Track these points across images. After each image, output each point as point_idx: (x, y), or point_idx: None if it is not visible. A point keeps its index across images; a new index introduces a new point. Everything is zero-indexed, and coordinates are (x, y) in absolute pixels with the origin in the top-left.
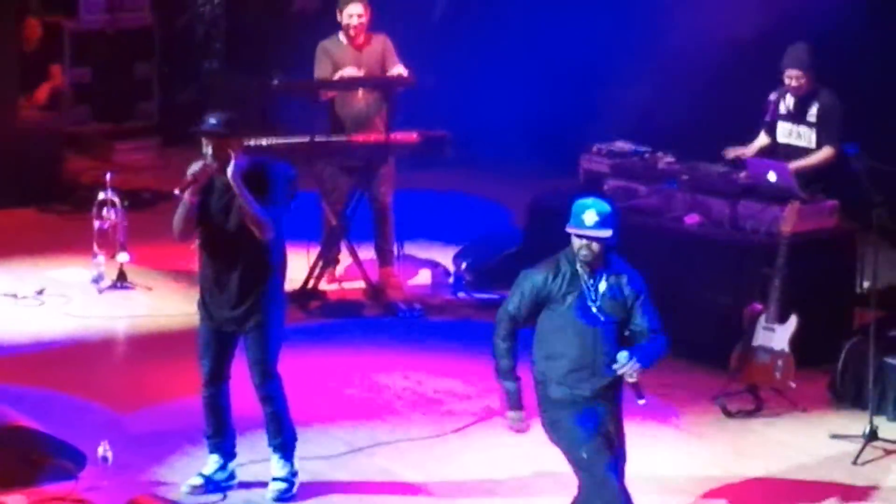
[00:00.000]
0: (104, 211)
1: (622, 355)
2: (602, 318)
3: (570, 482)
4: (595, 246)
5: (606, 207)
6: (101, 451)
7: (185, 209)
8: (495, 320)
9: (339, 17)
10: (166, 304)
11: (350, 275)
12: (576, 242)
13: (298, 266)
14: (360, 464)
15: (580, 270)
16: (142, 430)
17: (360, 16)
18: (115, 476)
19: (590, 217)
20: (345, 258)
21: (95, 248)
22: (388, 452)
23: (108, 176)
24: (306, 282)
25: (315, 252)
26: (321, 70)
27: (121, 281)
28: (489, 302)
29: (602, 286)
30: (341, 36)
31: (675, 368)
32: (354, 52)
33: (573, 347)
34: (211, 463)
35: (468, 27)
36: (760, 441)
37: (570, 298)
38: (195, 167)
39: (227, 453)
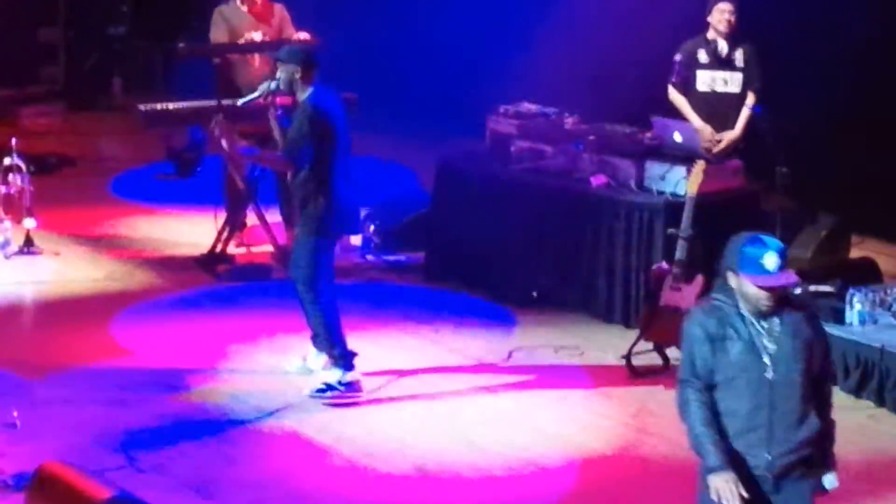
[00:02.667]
0: (10, 176)
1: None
2: (777, 367)
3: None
4: (779, 293)
5: (779, 243)
6: (9, 417)
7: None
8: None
9: None
10: (73, 270)
11: (257, 238)
12: (750, 291)
13: (206, 230)
14: (269, 427)
15: (745, 313)
16: (50, 396)
17: None
18: (24, 442)
19: (772, 261)
20: (252, 222)
21: (1, 213)
22: (297, 415)
23: (13, 141)
24: (214, 246)
25: (222, 216)
26: (217, 35)
27: (27, 246)
28: (396, 264)
29: (776, 327)
30: (238, 2)
31: (582, 327)
32: (253, 18)
33: (744, 402)
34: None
35: None
36: (667, 399)
37: (736, 346)
38: (261, 89)
39: None
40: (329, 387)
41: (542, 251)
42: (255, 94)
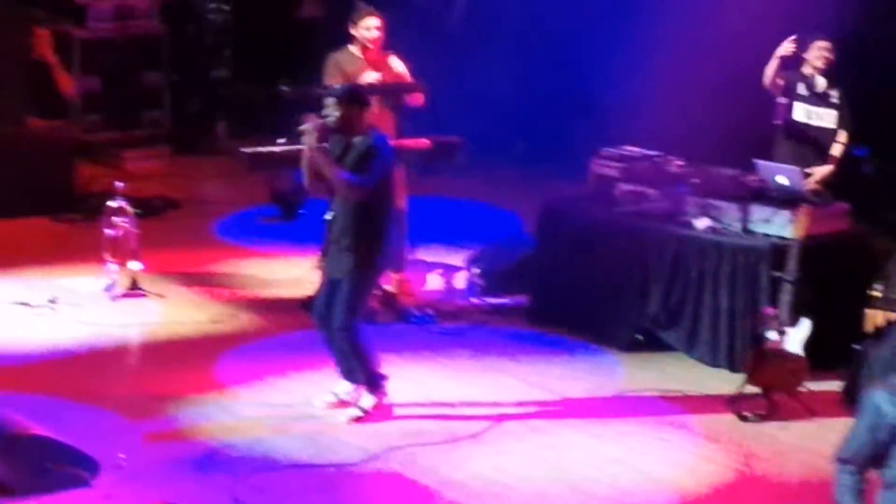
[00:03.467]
0: (115, 219)
1: None
2: None
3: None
4: None
5: None
6: (116, 458)
7: (305, 161)
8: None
9: (353, 30)
10: (178, 312)
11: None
12: None
13: (310, 273)
14: (373, 470)
15: None
16: (155, 437)
17: (377, 28)
18: (129, 484)
19: None
20: None
21: (107, 256)
22: (401, 457)
23: (118, 184)
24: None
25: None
26: (332, 81)
27: (133, 289)
28: (501, 307)
29: None
30: (353, 49)
31: (688, 371)
32: (368, 65)
33: None
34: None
35: (480, 34)
36: (773, 444)
37: None
38: (310, 124)
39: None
40: (365, 412)
41: (646, 294)
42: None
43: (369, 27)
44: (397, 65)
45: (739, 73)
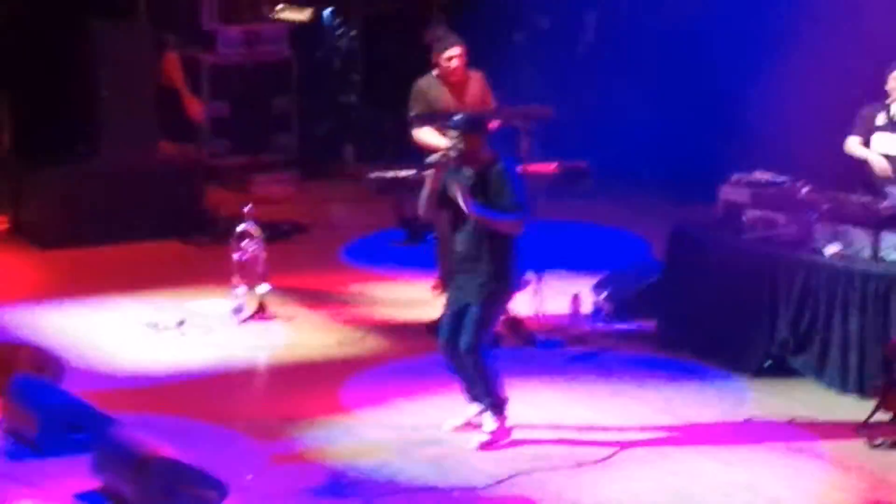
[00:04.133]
0: (244, 242)
1: None
2: None
3: None
4: None
5: None
6: (244, 480)
7: (427, 191)
8: None
9: (435, 59)
10: (305, 335)
11: None
12: None
13: (437, 297)
14: (500, 494)
15: None
16: (283, 460)
17: (459, 56)
18: None
19: None
20: None
21: (235, 279)
22: (527, 482)
23: (247, 208)
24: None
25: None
26: (417, 109)
27: (261, 312)
28: (628, 332)
29: None
30: (436, 72)
31: (818, 397)
32: (452, 91)
33: None
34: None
35: (606, 57)
36: None
37: None
38: (436, 156)
39: None
40: (490, 435)
41: (775, 320)
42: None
43: (450, 57)
44: (481, 83)
45: (869, 98)
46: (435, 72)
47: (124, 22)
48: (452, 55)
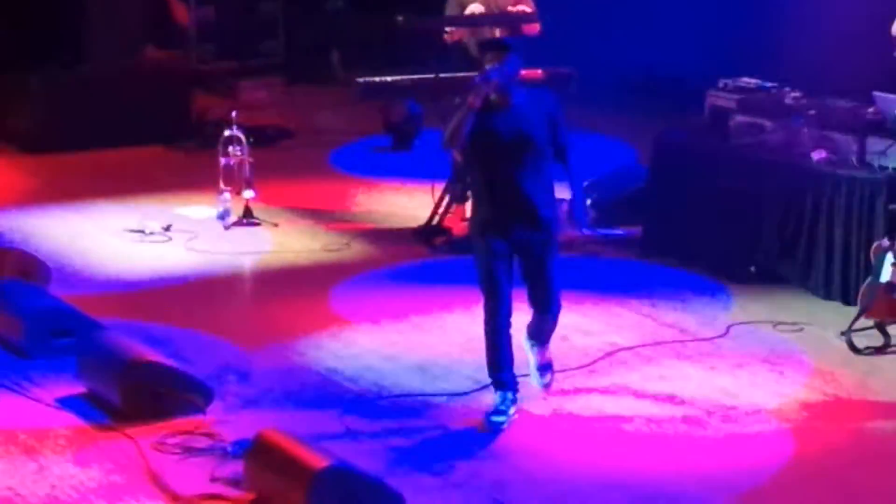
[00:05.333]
0: (230, 148)
1: None
2: None
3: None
4: None
5: None
6: (227, 384)
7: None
8: None
9: None
10: (291, 240)
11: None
12: None
13: (423, 203)
14: (486, 399)
15: None
16: (268, 365)
17: None
18: (242, 411)
19: None
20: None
21: (221, 184)
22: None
23: (233, 113)
24: (431, 217)
25: (439, 189)
26: (451, 11)
27: (246, 217)
28: (614, 238)
29: None
30: None
31: (802, 303)
32: None
33: None
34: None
35: None
36: (888, 377)
37: None
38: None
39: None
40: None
41: (760, 227)
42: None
43: None
44: None
45: (858, 3)
46: None
47: None
48: None
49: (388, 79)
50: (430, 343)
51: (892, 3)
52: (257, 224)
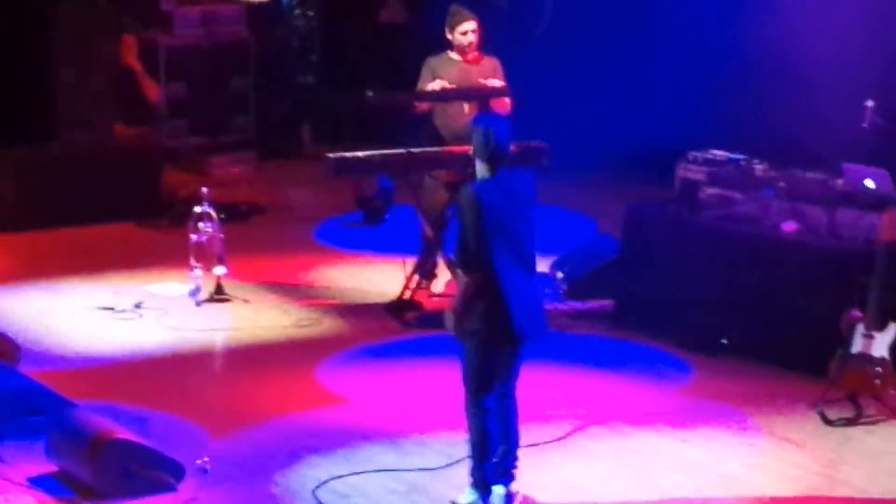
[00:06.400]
0: (201, 224)
1: None
2: None
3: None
4: None
5: None
6: (199, 463)
7: None
8: None
9: (449, 35)
10: (262, 317)
11: (450, 289)
12: None
13: (395, 278)
14: (459, 475)
15: None
16: (239, 443)
17: (473, 31)
18: (214, 488)
19: None
20: (444, 272)
21: (192, 261)
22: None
23: (204, 189)
24: (402, 292)
25: (411, 263)
26: (423, 85)
27: (218, 294)
28: (586, 312)
29: None
30: (451, 53)
31: (774, 376)
32: (463, 69)
33: None
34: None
35: (564, 39)
36: (861, 449)
37: None
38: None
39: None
40: None
41: (732, 298)
42: None
43: (465, 31)
44: (494, 67)
45: (825, 76)
46: (450, 52)
47: (83, 5)
48: (467, 29)
49: (360, 154)
50: (402, 419)
51: (860, 76)
52: (228, 300)
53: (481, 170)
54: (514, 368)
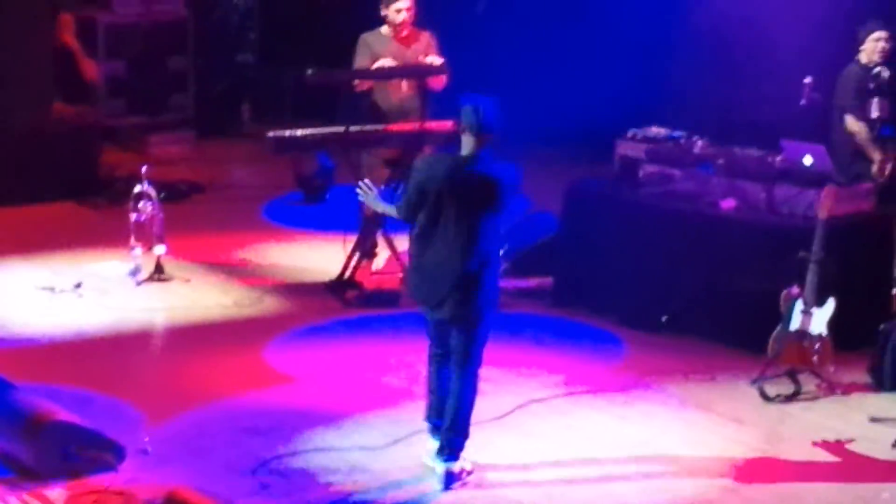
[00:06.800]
0: (140, 203)
1: None
2: None
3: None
4: None
5: None
6: (141, 444)
7: None
8: None
9: (383, 11)
10: (203, 296)
11: (389, 267)
12: None
13: (335, 257)
14: (399, 453)
15: None
16: (181, 423)
17: (407, 9)
18: (155, 468)
19: None
20: (383, 250)
21: (132, 240)
22: (423, 442)
23: (143, 168)
24: (343, 272)
25: (351, 242)
26: (360, 62)
27: (158, 273)
28: (525, 290)
29: None
30: (384, 29)
31: (713, 353)
32: (398, 45)
33: None
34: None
35: (503, 17)
36: (799, 425)
37: None
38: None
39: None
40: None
41: (671, 276)
42: None
43: (399, 9)
44: (429, 42)
45: (764, 52)
46: (384, 28)
47: None
48: (401, 7)
49: (299, 133)
50: (343, 399)
51: (799, 53)
52: (168, 280)
53: (467, 144)
54: (447, 339)
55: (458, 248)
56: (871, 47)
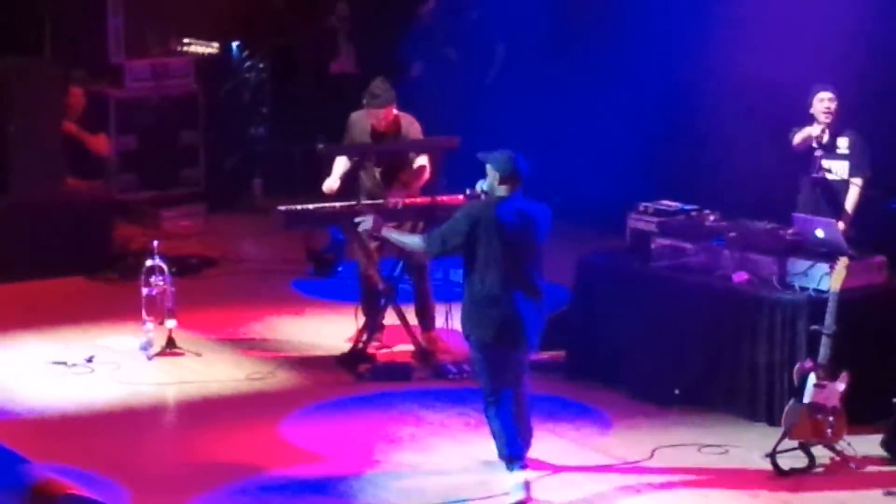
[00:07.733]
0: (152, 278)
1: None
2: None
3: None
4: None
5: None
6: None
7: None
8: None
9: (366, 111)
10: (215, 370)
11: (394, 339)
12: None
13: (346, 330)
14: None
15: None
16: (195, 497)
17: (385, 119)
18: None
19: None
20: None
21: (144, 314)
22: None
23: (155, 243)
24: (355, 345)
25: (363, 316)
26: (346, 142)
27: (170, 347)
28: (537, 362)
29: None
30: (364, 113)
31: (726, 425)
32: (374, 132)
33: None
34: None
35: (514, 89)
36: (814, 499)
37: None
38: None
39: None
40: None
41: (684, 348)
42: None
43: (379, 118)
44: (410, 129)
45: (776, 125)
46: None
47: (32, 58)
48: (381, 116)
49: (310, 206)
50: (359, 477)
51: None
52: (180, 354)
53: (500, 191)
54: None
55: (520, 284)
56: (818, 107)
